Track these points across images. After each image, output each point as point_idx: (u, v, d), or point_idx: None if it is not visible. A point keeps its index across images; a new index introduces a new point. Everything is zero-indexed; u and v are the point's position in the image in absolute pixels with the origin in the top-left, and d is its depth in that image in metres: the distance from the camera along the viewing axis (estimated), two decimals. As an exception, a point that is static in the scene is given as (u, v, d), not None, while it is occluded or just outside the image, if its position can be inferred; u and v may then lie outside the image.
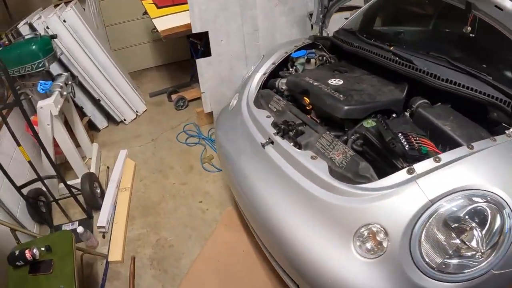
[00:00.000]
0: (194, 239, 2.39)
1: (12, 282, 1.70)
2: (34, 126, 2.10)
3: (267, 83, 2.01)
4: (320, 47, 2.20)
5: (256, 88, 1.90)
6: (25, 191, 2.26)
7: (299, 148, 1.48)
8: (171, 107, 3.72)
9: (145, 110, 3.74)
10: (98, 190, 2.67)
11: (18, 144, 2.01)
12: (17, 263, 1.68)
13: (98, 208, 2.62)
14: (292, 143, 1.48)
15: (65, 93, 2.47)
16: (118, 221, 2.55)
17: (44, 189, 2.44)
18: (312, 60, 2.10)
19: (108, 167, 3.05)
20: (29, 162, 2.10)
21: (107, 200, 2.66)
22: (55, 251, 1.77)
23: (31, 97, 2.50)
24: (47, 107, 2.27)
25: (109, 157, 3.17)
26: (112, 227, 2.52)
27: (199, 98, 3.64)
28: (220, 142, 1.93)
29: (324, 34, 2.33)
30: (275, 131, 1.52)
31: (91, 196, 2.52)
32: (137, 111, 3.64)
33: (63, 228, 2.55)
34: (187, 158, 3.04)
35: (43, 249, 1.72)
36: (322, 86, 1.65)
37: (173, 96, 3.69)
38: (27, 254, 1.65)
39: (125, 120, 3.55)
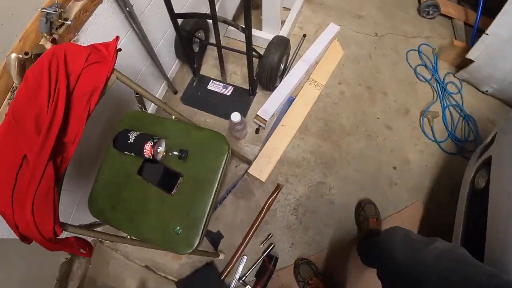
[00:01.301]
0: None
1: (106, 171, 1.05)
2: None
3: None
4: None
5: None
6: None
7: None
8: (412, 4, 2.44)
9: (380, -13, 2.50)
10: (282, 66, 1.77)
11: None
12: (126, 152, 1.00)
13: (269, 89, 1.78)
14: None
15: None
16: (286, 124, 1.73)
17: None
18: None
19: (304, 36, 2.09)
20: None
21: (285, 86, 1.80)
22: (192, 160, 1.00)
23: None
24: None
25: (311, 23, 2.18)
26: (273, 129, 1.72)
27: (451, 19, 2.34)
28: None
29: None
30: None
31: (273, 72, 1.63)
32: (371, -20, 2.43)
33: (210, 86, 1.84)
34: (408, 93, 1.96)
35: (175, 153, 0.99)
36: None
37: (426, -7, 2.37)
38: (147, 149, 0.95)
39: (351, -18, 2.39)
